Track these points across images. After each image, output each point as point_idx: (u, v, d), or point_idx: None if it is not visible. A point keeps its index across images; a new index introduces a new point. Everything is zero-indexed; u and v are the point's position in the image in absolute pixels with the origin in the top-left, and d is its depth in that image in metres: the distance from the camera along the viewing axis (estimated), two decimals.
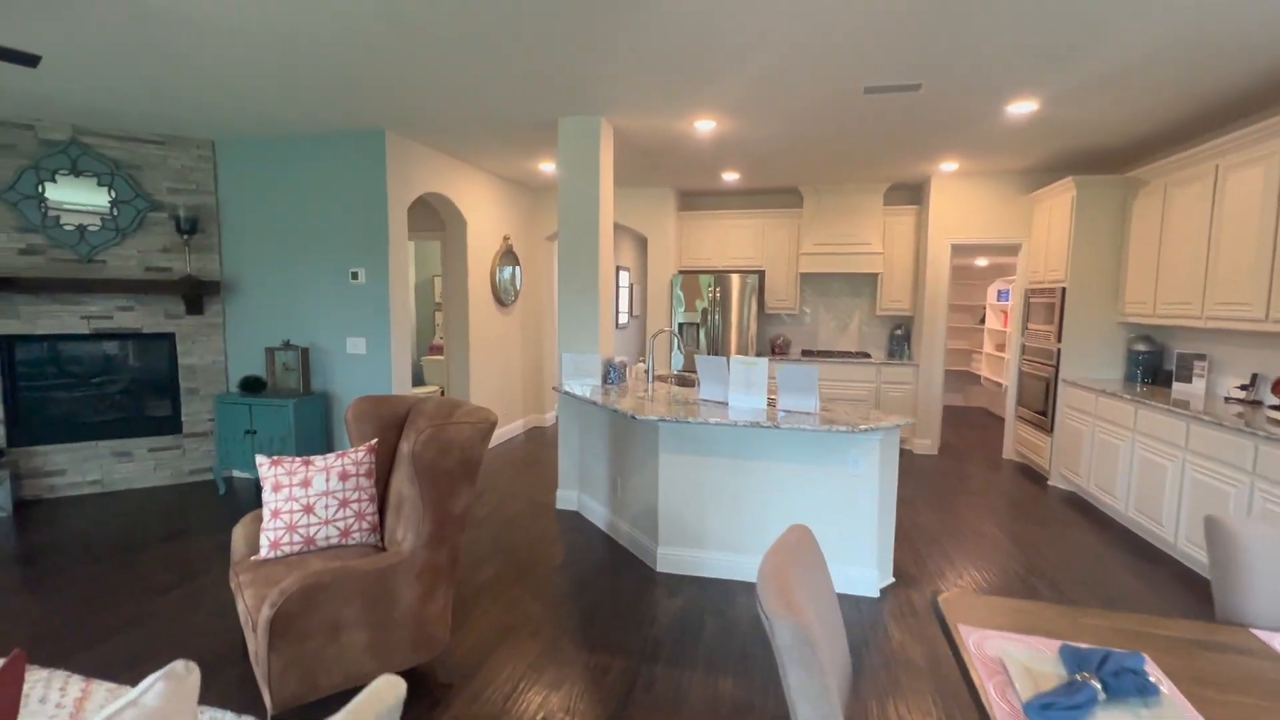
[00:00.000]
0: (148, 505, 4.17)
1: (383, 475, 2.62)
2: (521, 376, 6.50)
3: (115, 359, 4.46)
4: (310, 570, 1.93)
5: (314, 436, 4.42)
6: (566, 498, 4.19)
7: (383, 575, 2.01)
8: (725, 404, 3.28)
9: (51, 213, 4.12)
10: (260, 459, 2.41)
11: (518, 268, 6.21)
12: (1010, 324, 6.73)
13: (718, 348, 6.20)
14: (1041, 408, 5.03)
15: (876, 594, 3.01)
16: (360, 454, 2.50)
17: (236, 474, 4.66)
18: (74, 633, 2.60)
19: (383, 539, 2.49)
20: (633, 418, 3.06)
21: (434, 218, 5.89)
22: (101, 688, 2.24)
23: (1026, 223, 5.41)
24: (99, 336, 4.35)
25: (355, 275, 4.40)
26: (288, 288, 4.58)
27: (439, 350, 7.26)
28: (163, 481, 4.59)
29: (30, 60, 2.17)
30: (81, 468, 4.35)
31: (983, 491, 4.72)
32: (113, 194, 4.27)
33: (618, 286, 7.52)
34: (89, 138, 4.21)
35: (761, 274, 6.30)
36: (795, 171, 5.47)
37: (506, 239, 6.00)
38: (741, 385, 3.22)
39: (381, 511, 2.56)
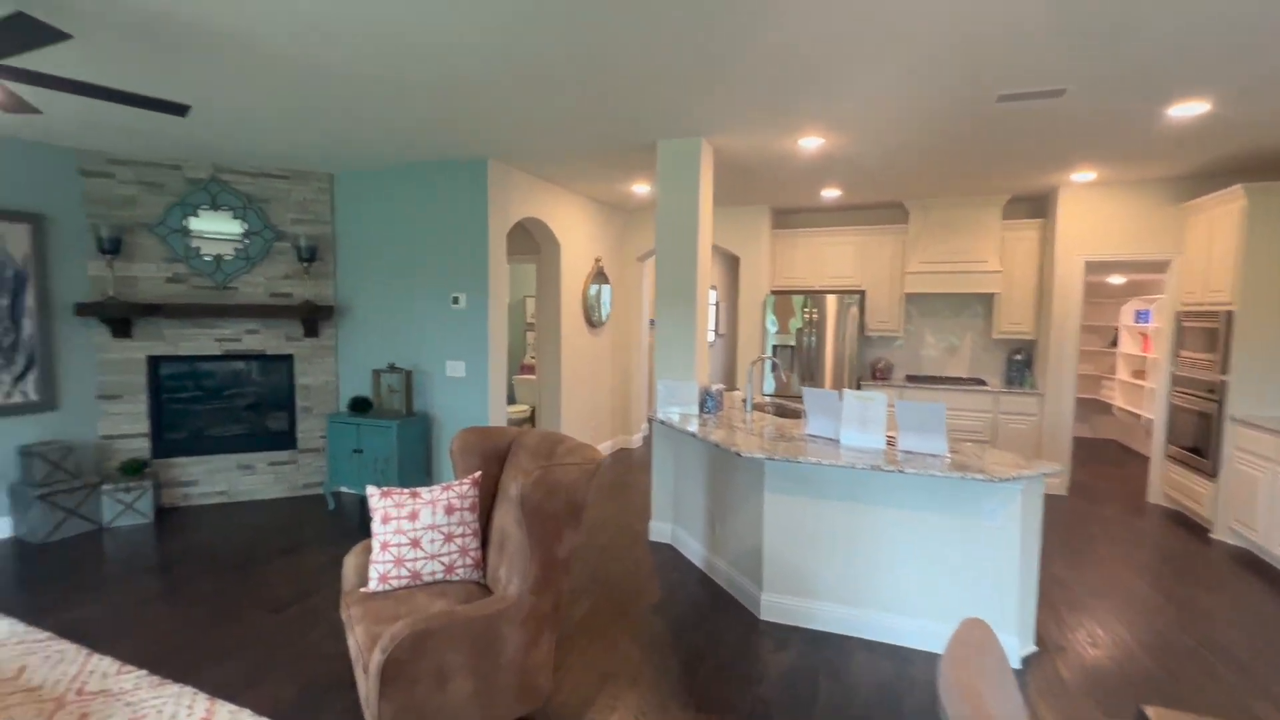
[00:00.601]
0: (266, 517, 4.42)
1: (484, 508, 2.59)
2: (610, 397, 6.46)
3: (242, 378, 4.80)
4: (419, 615, 1.89)
5: (415, 457, 4.54)
6: (660, 530, 4.05)
7: (489, 622, 1.95)
8: (836, 441, 3.04)
9: (194, 244, 4.50)
10: (371, 490, 2.43)
11: (609, 288, 6.19)
12: (1155, 350, 6.00)
13: (813, 371, 5.89)
14: (1198, 446, 4.38)
15: (1017, 664, 2.66)
16: (465, 487, 2.48)
17: (344, 490, 4.87)
18: (201, 645, 2.73)
19: (484, 575, 2.45)
20: (736, 454, 2.89)
21: (528, 241, 6.00)
22: (224, 709, 2.32)
23: (1177, 237, 4.78)
24: (229, 357, 4.70)
25: (456, 300, 4.51)
26: (393, 312, 4.77)
27: (530, 370, 7.37)
28: (279, 494, 4.87)
29: (180, 110, 2.33)
30: (212, 479, 4.69)
31: (1129, 542, 4.15)
32: (245, 225, 4.62)
33: None
34: (227, 175, 4.58)
35: (861, 294, 5.95)
36: (901, 185, 5.12)
37: (598, 261, 6.01)
38: (856, 421, 2.97)
39: (483, 546, 2.53)
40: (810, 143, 3.84)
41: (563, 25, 2.33)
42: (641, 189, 5.38)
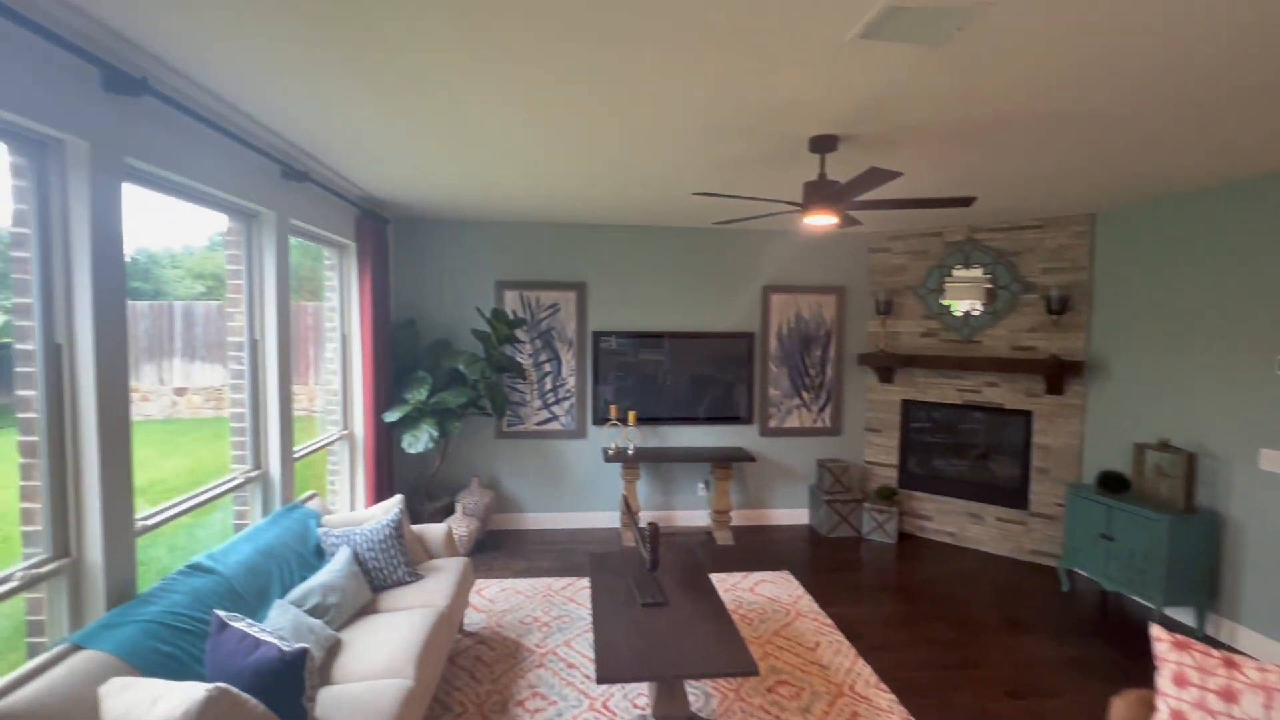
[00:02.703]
0: (989, 572, 4.38)
1: None
2: None
3: (977, 428, 4.93)
4: None
5: (1194, 569, 3.46)
6: None
7: None
8: None
9: (946, 302, 4.94)
10: (1158, 633, 1.95)
11: None
12: None
13: None
14: None
15: None
16: None
17: (1083, 574, 4.25)
18: (942, 698, 2.89)
19: None
20: None
21: None
22: None
23: None
24: (967, 407, 4.91)
25: None
26: (1169, 374, 3.80)
27: None
28: (1004, 552, 4.73)
29: (968, 202, 2.50)
30: (942, 518, 5.03)
31: None
32: (993, 281, 4.72)
33: None
34: (980, 234, 4.79)
35: None
36: None
37: None
38: None
39: None
40: None
41: None
42: None
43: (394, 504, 3.20)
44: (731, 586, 4.07)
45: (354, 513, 3.22)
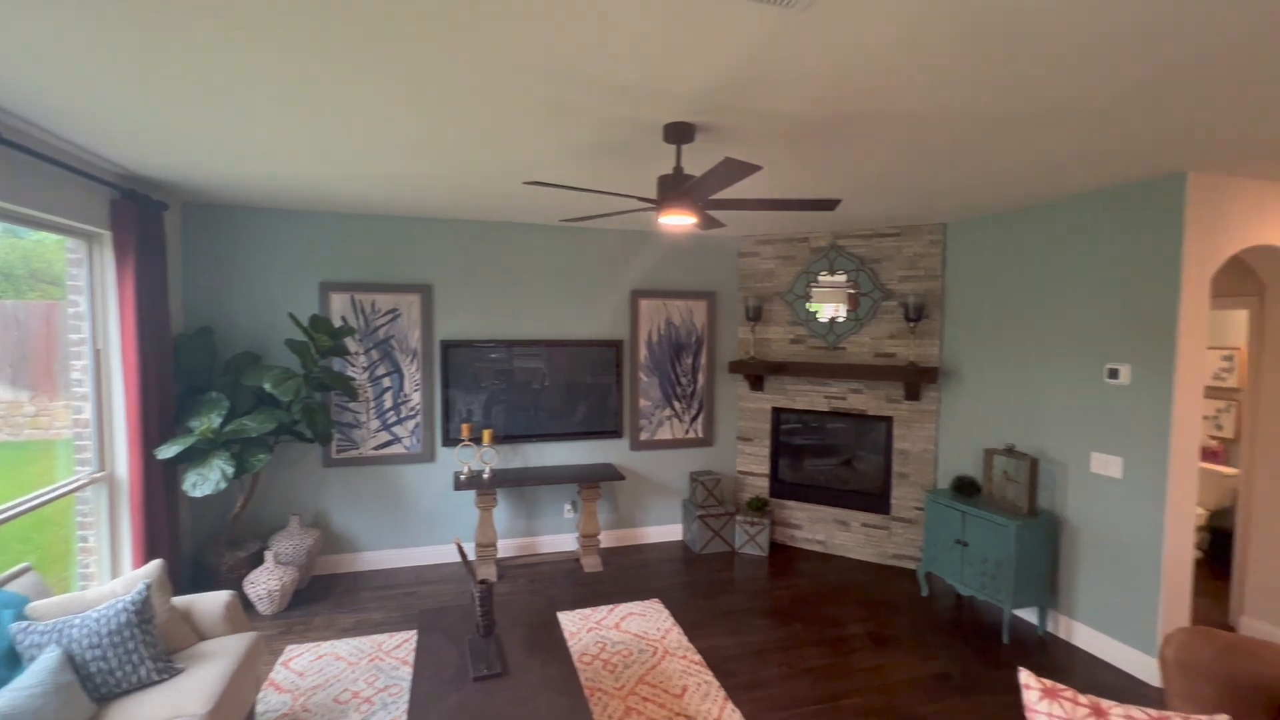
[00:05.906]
0: (855, 579, 4.36)
1: None
2: None
3: (843, 435, 4.93)
4: None
5: (1036, 568, 3.57)
6: None
7: None
8: None
9: (812, 308, 4.88)
10: (1027, 679, 1.78)
11: None
12: None
13: None
14: None
15: None
16: None
17: (940, 577, 4.33)
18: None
19: None
20: None
21: (1225, 278, 4.04)
22: None
23: None
24: (834, 414, 4.89)
25: (1114, 373, 3.31)
26: (1014, 382, 3.93)
27: (1213, 456, 5.07)
28: (869, 557, 4.76)
29: (832, 205, 2.28)
30: (813, 527, 4.99)
31: None
32: (856, 287, 4.72)
33: None
34: (844, 240, 4.77)
35: None
36: None
37: None
38: None
39: None
40: None
41: None
42: None
43: (141, 575, 2.44)
44: (596, 625, 3.67)
45: (83, 592, 2.42)
